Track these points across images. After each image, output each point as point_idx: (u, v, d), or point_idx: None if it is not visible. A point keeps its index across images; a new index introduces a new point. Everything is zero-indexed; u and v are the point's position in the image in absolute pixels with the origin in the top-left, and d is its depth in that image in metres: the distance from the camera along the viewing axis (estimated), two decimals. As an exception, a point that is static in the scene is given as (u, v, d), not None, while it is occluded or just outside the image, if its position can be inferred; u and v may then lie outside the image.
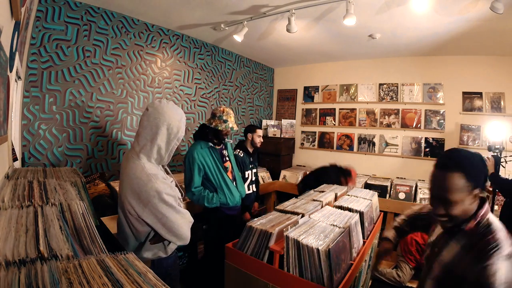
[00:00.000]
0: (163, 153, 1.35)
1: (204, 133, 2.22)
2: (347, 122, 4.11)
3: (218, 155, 2.22)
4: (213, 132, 2.19)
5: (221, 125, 2.13)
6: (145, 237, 1.34)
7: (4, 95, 1.07)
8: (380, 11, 2.35)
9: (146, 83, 2.94)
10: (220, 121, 2.14)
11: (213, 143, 2.21)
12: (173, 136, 1.33)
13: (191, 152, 2.11)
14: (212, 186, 2.16)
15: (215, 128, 2.15)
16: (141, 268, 0.60)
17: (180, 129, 1.35)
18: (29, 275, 0.49)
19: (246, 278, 1.27)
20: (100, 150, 2.61)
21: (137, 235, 1.33)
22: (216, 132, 2.18)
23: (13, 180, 1.10)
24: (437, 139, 3.49)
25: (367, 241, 1.61)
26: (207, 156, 2.13)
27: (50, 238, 0.65)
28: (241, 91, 4.19)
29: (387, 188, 3.25)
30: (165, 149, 1.34)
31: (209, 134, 2.20)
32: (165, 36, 3.10)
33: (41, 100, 2.23)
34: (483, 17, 2.28)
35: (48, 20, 2.22)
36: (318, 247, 1.09)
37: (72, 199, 0.96)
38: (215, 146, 2.23)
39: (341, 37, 3.11)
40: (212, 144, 2.20)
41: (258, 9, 2.48)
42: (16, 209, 0.79)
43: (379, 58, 3.83)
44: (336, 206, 1.74)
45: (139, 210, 1.26)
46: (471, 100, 3.32)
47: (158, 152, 1.33)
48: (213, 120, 2.18)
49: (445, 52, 3.30)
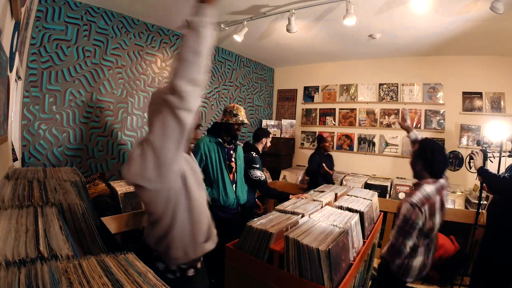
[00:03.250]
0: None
1: (216, 129, 2.26)
2: (347, 122, 4.11)
3: (224, 153, 2.23)
4: (225, 127, 2.22)
5: (232, 118, 2.17)
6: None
7: (4, 95, 1.07)
8: (380, 11, 2.35)
9: (146, 83, 2.94)
10: (231, 115, 2.18)
11: (223, 140, 2.22)
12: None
13: (198, 142, 2.14)
14: (209, 180, 2.16)
15: (227, 122, 2.18)
16: (141, 268, 0.60)
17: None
18: (29, 275, 0.49)
19: (246, 278, 1.27)
20: (100, 150, 2.61)
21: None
22: (228, 126, 2.21)
23: (13, 180, 1.10)
24: (437, 139, 3.49)
25: (367, 241, 1.61)
26: (213, 150, 2.16)
27: (50, 238, 0.65)
28: (241, 91, 4.19)
29: (387, 188, 3.25)
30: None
31: (221, 131, 2.23)
32: (165, 36, 3.10)
33: (41, 100, 2.23)
34: (483, 17, 2.28)
35: (48, 20, 2.22)
36: (318, 247, 1.09)
37: (72, 199, 0.96)
38: (225, 144, 2.24)
39: (341, 37, 3.11)
40: (221, 140, 2.21)
41: (258, 9, 2.48)
42: (16, 209, 0.79)
43: (379, 58, 3.83)
44: (336, 206, 1.74)
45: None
46: (471, 100, 3.32)
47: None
48: (224, 116, 2.22)
49: (445, 52, 3.30)
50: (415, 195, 1.48)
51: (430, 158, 1.52)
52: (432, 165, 1.53)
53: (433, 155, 1.52)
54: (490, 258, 2.13)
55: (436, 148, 1.55)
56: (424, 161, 1.55)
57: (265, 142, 2.86)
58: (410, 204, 1.45)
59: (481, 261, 2.25)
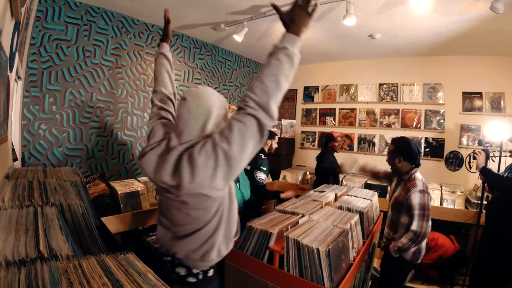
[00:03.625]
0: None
1: None
2: (347, 122, 4.11)
3: None
4: None
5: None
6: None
7: (4, 95, 1.07)
8: (380, 11, 2.35)
9: (146, 83, 2.94)
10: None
11: None
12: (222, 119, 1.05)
13: None
14: None
15: None
16: (141, 268, 0.60)
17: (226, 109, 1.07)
18: (29, 275, 0.49)
19: (246, 278, 1.27)
20: (100, 150, 2.61)
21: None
22: None
23: (13, 180, 1.10)
24: (437, 139, 3.49)
25: (367, 241, 1.61)
26: None
27: (50, 238, 0.65)
28: (241, 91, 4.19)
29: (387, 188, 3.25)
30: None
31: None
32: (165, 36, 3.10)
33: (41, 100, 2.23)
34: (483, 17, 2.28)
35: (48, 20, 2.22)
36: (318, 247, 1.09)
37: (72, 199, 0.96)
38: None
39: (341, 37, 3.11)
40: None
41: (258, 9, 2.48)
42: (16, 209, 0.79)
43: (379, 58, 3.82)
44: (336, 206, 1.74)
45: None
46: (471, 100, 3.32)
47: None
48: None
49: (445, 52, 3.30)
50: (417, 184, 1.70)
51: (410, 152, 1.79)
52: (413, 157, 1.78)
53: (411, 149, 1.79)
54: (488, 257, 2.13)
55: (411, 142, 1.82)
56: (404, 156, 1.80)
57: (270, 144, 2.84)
58: (419, 191, 1.66)
59: (479, 260, 2.25)
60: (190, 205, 0.92)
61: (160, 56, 1.32)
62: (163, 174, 0.88)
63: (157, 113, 1.16)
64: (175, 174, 0.85)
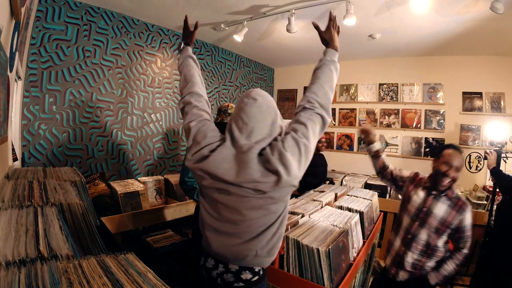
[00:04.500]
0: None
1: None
2: (347, 122, 4.11)
3: None
4: (220, 126, 2.20)
5: (227, 118, 2.14)
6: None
7: (4, 95, 1.07)
8: (380, 11, 2.35)
9: (146, 83, 2.94)
10: (226, 115, 2.16)
11: None
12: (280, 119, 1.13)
13: None
14: None
15: (222, 122, 2.16)
16: (141, 268, 0.60)
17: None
18: (29, 275, 0.49)
19: (246, 278, 1.26)
20: (100, 150, 2.61)
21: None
22: (224, 125, 2.18)
23: (13, 180, 1.10)
24: (437, 139, 3.49)
25: (367, 241, 1.61)
26: None
27: (50, 238, 0.65)
28: (241, 91, 4.19)
29: (387, 188, 3.25)
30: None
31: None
32: (165, 36, 3.10)
33: (41, 100, 2.23)
34: (483, 17, 2.27)
35: (48, 20, 2.22)
36: (318, 247, 1.09)
37: (72, 199, 0.96)
38: None
39: (341, 37, 3.06)
40: None
41: (258, 9, 2.48)
42: (16, 209, 0.79)
43: (379, 58, 3.83)
44: (336, 206, 1.74)
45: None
46: (471, 100, 3.32)
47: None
48: (219, 116, 2.20)
49: (445, 52, 3.30)
50: (466, 201, 1.50)
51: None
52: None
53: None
54: (495, 258, 2.11)
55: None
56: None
57: None
58: (471, 211, 1.49)
59: (484, 260, 2.23)
60: (275, 199, 0.95)
61: (188, 58, 1.32)
62: (251, 173, 0.90)
63: (199, 114, 1.15)
64: (268, 171, 0.89)
